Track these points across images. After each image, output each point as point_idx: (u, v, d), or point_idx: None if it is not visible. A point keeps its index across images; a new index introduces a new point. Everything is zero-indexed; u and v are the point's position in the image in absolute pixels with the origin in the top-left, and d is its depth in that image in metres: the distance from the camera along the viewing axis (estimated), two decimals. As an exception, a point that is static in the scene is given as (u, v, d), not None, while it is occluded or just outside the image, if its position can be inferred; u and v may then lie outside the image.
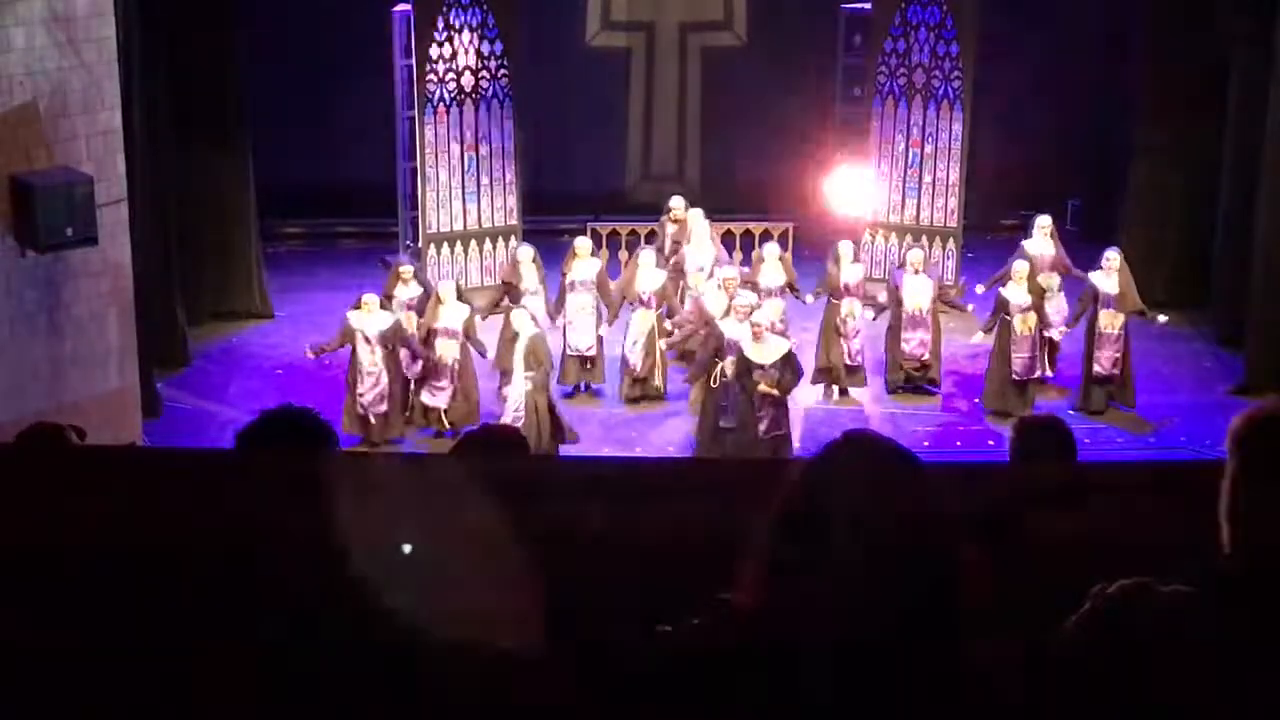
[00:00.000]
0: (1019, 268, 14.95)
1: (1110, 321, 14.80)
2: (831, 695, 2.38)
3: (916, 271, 15.27)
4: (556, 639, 2.87)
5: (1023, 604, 2.81)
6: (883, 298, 15.59)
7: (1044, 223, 15.90)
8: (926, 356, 15.15)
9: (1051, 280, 15.28)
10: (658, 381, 15.11)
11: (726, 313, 13.92)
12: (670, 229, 16.51)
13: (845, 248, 15.49)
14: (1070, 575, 2.76)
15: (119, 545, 3.29)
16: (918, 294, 15.15)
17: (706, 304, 14.46)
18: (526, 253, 15.47)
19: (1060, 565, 3.19)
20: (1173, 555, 2.64)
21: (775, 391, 13.37)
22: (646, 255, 15.47)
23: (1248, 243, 15.74)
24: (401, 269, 15.04)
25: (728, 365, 13.49)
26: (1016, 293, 14.78)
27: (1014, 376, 14.66)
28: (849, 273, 15.35)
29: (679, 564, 3.14)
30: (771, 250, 15.69)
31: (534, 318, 14.30)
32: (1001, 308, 14.84)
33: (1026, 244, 15.69)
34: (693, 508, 3.53)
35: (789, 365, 13.53)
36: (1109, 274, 14.85)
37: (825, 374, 15.20)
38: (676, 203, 16.59)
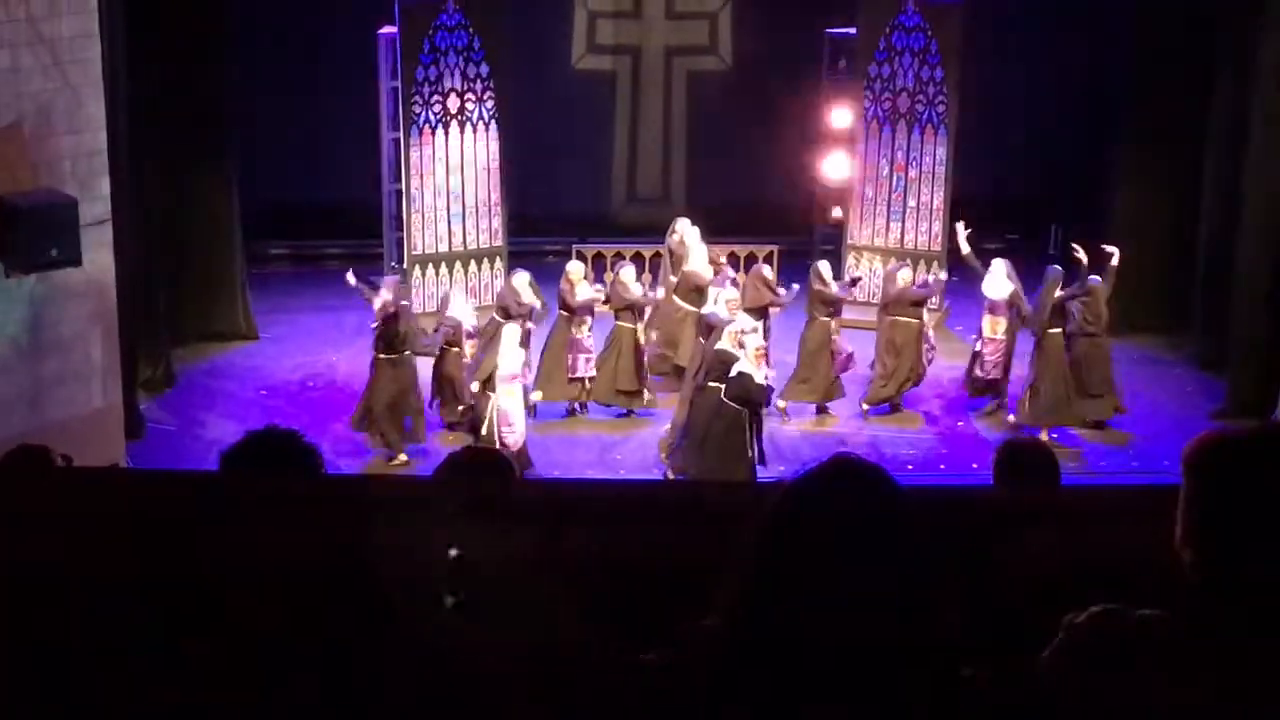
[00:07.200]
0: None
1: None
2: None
3: None
4: (540, 666, 2.87)
5: (1003, 629, 2.83)
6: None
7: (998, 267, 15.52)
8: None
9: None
10: (644, 393, 15.17)
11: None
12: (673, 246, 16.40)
13: (824, 267, 15.56)
14: (1051, 600, 2.77)
15: (103, 568, 3.28)
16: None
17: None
18: (522, 278, 15.27)
19: (1042, 590, 3.20)
20: (1155, 579, 2.66)
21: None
22: (627, 271, 15.51)
23: (1229, 268, 15.82)
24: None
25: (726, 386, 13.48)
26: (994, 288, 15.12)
27: (978, 375, 15.14)
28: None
29: (660, 589, 3.14)
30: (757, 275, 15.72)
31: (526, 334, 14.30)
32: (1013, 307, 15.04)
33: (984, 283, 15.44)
34: (674, 531, 3.53)
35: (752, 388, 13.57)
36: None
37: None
38: (682, 224, 16.44)
